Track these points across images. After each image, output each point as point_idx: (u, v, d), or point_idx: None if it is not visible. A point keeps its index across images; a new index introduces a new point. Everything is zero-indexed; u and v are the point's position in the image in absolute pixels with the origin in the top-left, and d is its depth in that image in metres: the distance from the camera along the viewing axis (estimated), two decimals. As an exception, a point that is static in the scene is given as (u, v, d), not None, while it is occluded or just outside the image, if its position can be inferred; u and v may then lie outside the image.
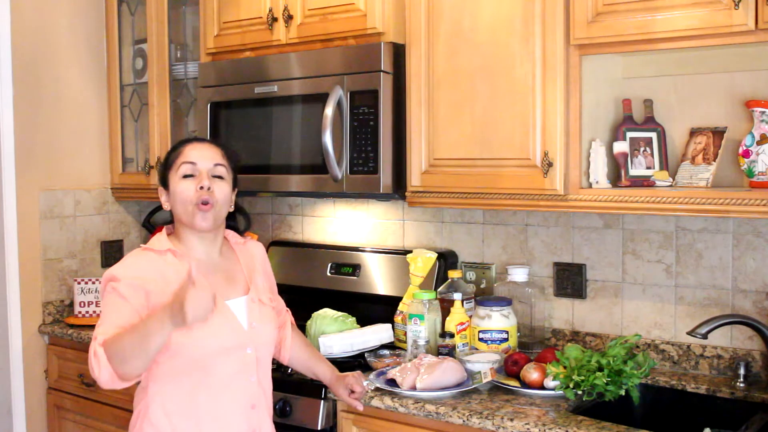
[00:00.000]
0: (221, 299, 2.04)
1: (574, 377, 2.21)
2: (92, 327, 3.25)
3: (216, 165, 2.06)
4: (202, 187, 2.01)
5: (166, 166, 2.09)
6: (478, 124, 2.51)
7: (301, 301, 3.06)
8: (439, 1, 2.57)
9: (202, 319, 1.79)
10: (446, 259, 2.94)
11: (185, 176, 2.03)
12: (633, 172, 2.44)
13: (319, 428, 2.44)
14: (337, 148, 2.70)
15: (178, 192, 2.03)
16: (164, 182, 2.09)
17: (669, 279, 2.56)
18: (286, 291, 3.10)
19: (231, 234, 2.20)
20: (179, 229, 2.09)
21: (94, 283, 3.40)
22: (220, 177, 2.06)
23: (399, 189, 2.72)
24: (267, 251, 3.38)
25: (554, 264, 2.78)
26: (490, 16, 2.46)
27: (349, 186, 2.72)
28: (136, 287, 1.93)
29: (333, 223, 3.36)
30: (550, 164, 2.36)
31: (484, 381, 2.32)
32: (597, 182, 2.38)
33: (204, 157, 2.06)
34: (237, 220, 2.23)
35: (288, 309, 2.39)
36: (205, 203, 2.01)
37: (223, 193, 2.06)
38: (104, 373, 1.85)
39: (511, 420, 2.10)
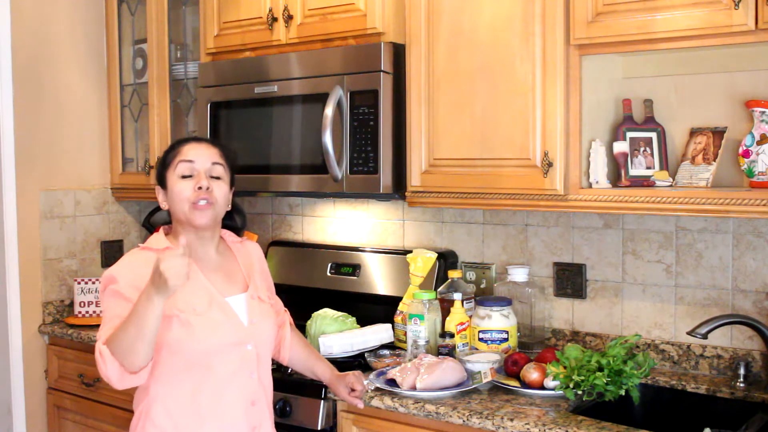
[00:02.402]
0: (221, 296, 2.05)
1: (574, 377, 2.21)
2: (92, 327, 3.28)
3: (214, 164, 2.06)
4: (200, 188, 2.01)
5: (163, 166, 2.09)
6: (478, 123, 2.51)
7: (301, 301, 3.06)
8: (439, 1, 2.56)
9: (183, 282, 1.77)
10: (446, 259, 2.94)
11: (183, 176, 2.04)
12: (633, 172, 2.44)
13: (319, 428, 2.44)
14: (337, 148, 2.70)
15: (176, 192, 2.04)
16: (162, 181, 2.10)
17: (669, 279, 2.56)
18: (286, 291, 3.10)
19: (227, 233, 2.20)
20: (177, 228, 2.09)
21: (94, 283, 3.41)
22: (218, 177, 2.07)
23: (399, 189, 2.72)
24: (267, 251, 3.42)
25: (554, 264, 2.78)
26: (490, 15, 2.46)
27: (349, 186, 2.72)
28: (135, 288, 1.92)
29: (333, 223, 3.36)
30: (550, 164, 2.36)
31: (484, 381, 2.32)
32: (597, 182, 2.38)
33: (202, 155, 2.06)
34: (234, 220, 2.24)
35: (286, 309, 2.39)
36: (202, 202, 2.02)
37: (222, 193, 2.06)
38: (112, 370, 1.85)
39: (511, 420, 2.10)
